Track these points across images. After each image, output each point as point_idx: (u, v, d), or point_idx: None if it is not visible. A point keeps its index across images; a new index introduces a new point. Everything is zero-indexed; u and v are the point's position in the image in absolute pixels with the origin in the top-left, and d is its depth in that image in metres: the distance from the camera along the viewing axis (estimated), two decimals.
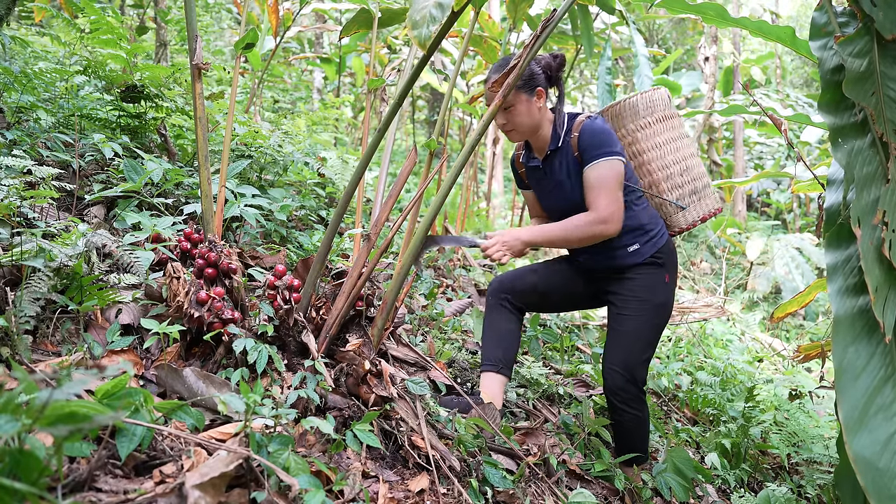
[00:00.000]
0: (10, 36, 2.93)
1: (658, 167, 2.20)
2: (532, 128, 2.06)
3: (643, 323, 2.05)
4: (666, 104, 2.24)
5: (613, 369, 2.04)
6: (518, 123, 2.04)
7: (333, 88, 8.01)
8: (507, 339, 2.16)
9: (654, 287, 2.07)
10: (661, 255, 2.09)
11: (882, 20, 1.44)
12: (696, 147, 2.24)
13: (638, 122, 2.21)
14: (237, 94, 2.48)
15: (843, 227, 1.42)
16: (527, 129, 2.06)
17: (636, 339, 2.04)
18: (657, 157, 2.20)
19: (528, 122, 2.04)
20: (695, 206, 2.24)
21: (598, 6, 3.41)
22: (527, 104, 2.01)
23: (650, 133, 2.20)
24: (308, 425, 1.42)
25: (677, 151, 2.22)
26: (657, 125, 2.21)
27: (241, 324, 1.74)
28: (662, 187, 2.20)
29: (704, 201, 2.26)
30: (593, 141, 1.97)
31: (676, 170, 2.20)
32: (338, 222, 1.88)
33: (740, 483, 2.51)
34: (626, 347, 2.04)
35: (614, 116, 2.24)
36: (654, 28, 13.87)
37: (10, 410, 0.87)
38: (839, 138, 1.45)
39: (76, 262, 1.62)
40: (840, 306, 1.33)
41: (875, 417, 1.19)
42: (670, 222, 2.22)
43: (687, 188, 2.21)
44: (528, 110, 2.02)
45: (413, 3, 1.68)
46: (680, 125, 2.26)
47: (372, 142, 1.88)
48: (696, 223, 2.24)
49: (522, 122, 2.03)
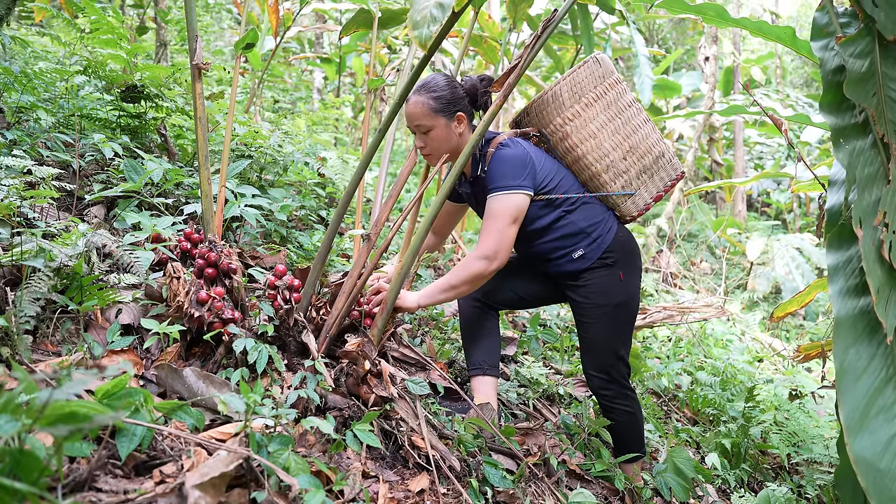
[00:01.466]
0: (11, 36, 2.93)
1: (595, 158, 2.00)
2: (450, 152, 1.98)
3: (607, 326, 2.00)
4: (596, 78, 2.01)
5: (591, 374, 2.05)
6: (434, 148, 1.96)
7: (333, 88, 8.01)
8: (486, 339, 2.16)
9: (609, 289, 1.98)
10: (610, 254, 1.98)
11: (884, 21, 1.44)
12: (642, 115, 2.06)
13: (565, 114, 2.01)
14: (237, 94, 2.48)
15: (845, 228, 1.42)
16: (443, 154, 1.97)
17: (605, 343, 2.01)
18: (593, 147, 2.00)
19: (445, 147, 1.96)
20: (646, 187, 2.06)
21: (598, 6, 3.41)
22: (445, 129, 1.93)
23: (580, 123, 2.00)
24: (308, 425, 1.42)
25: (616, 133, 2.01)
26: (588, 110, 2.00)
27: (241, 324, 1.74)
28: (603, 179, 2.02)
29: (658, 175, 2.07)
30: (495, 172, 1.88)
31: (618, 155, 2.01)
32: (338, 222, 1.88)
33: (740, 483, 2.51)
34: (597, 352, 2.02)
35: (538, 113, 2.06)
36: (654, 28, 13.87)
37: (10, 410, 0.87)
38: (841, 139, 1.45)
39: (76, 262, 1.62)
40: (841, 307, 1.33)
41: (876, 419, 1.19)
42: (620, 212, 2.07)
43: (633, 170, 2.03)
44: (445, 135, 1.94)
45: (414, 4, 1.68)
46: (619, 96, 2.03)
47: (372, 142, 1.88)
48: (650, 205, 2.06)
49: (439, 147, 1.96)
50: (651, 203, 2.05)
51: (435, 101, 1.92)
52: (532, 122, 2.10)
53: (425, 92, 1.92)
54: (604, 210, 2.04)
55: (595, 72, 2.01)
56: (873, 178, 1.36)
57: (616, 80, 2.03)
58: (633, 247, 2.06)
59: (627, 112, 2.04)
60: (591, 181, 2.04)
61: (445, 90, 1.93)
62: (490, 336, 2.17)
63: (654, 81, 5.09)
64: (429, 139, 1.95)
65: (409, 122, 1.96)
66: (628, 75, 11.32)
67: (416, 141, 1.98)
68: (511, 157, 1.88)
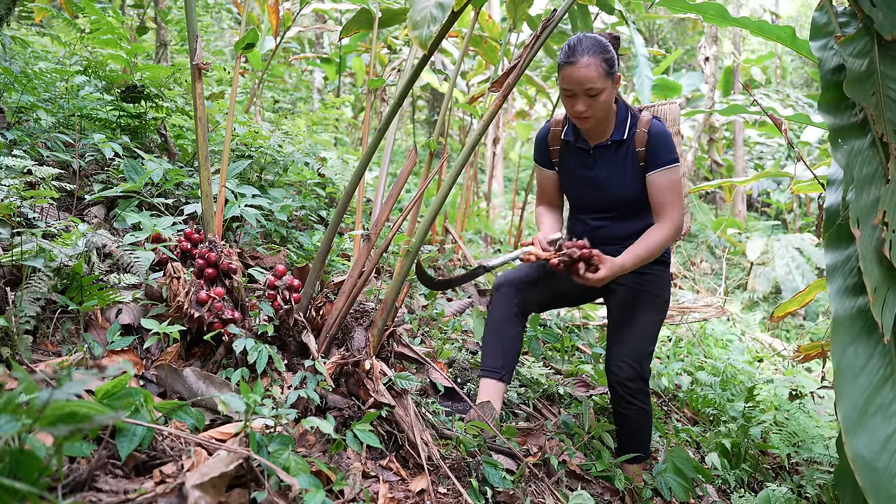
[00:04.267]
0: (11, 36, 2.93)
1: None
2: (608, 115, 1.97)
3: (652, 316, 2.06)
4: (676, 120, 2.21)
5: (624, 362, 2.01)
6: (599, 111, 1.91)
7: (334, 88, 8.01)
8: (511, 346, 2.09)
9: (663, 283, 2.09)
10: (667, 255, 2.13)
11: (882, 21, 1.44)
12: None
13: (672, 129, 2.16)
14: (237, 94, 2.48)
15: (843, 228, 1.42)
16: (603, 117, 1.95)
17: (644, 332, 2.04)
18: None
19: (608, 111, 1.95)
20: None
21: (598, 6, 3.41)
22: (611, 92, 1.91)
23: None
24: (308, 425, 1.42)
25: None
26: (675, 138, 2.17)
27: (241, 324, 1.74)
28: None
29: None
30: (666, 144, 1.94)
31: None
32: (338, 222, 1.88)
33: (740, 483, 2.51)
34: (636, 339, 2.03)
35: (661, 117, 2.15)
36: (654, 28, 13.87)
37: (10, 410, 0.87)
38: (839, 139, 1.45)
39: (76, 262, 1.62)
40: (839, 307, 1.33)
41: (874, 417, 1.19)
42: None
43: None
44: (609, 98, 1.91)
45: (414, 4, 1.68)
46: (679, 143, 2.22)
47: (372, 142, 1.88)
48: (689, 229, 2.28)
49: (602, 109, 1.91)
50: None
51: (606, 64, 1.86)
52: None
53: (596, 52, 1.84)
54: None
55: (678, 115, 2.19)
56: (871, 177, 1.37)
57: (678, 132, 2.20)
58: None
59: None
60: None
61: (612, 51, 1.89)
62: (514, 342, 2.10)
63: (654, 81, 5.08)
64: (596, 103, 1.88)
65: (578, 86, 1.86)
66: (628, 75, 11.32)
67: (576, 105, 1.89)
68: (667, 132, 1.98)
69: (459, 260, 4.30)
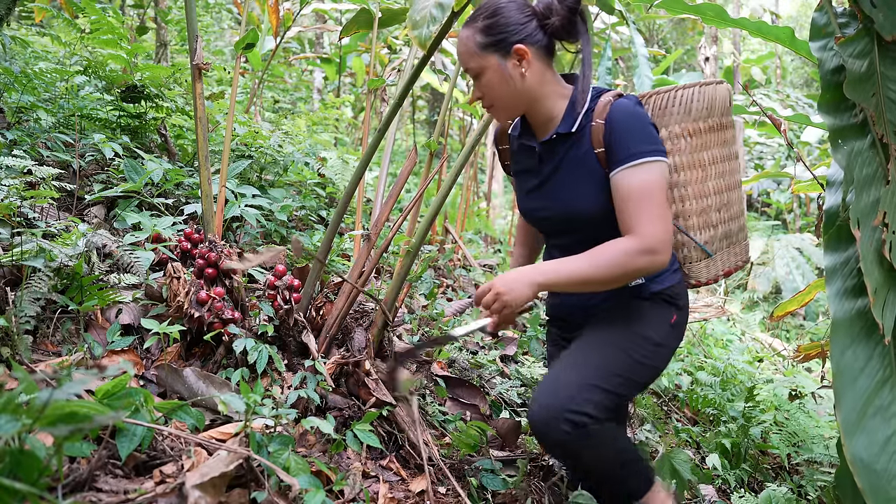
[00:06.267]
0: (11, 36, 2.93)
1: (694, 193, 1.57)
2: (519, 101, 1.44)
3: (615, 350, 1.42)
4: (725, 108, 1.61)
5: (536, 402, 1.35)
6: (494, 97, 1.44)
7: (334, 88, 8.01)
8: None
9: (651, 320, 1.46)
10: (673, 294, 1.49)
11: (882, 21, 1.44)
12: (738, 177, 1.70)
13: (687, 126, 1.56)
14: (237, 94, 2.48)
15: (843, 229, 1.42)
16: (509, 104, 1.45)
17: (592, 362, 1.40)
18: (696, 178, 1.57)
19: (508, 94, 1.42)
20: (722, 255, 1.63)
21: (598, 6, 3.41)
22: (498, 71, 1.39)
23: (698, 144, 1.56)
24: (308, 425, 1.42)
25: (722, 178, 1.61)
26: (708, 135, 1.58)
27: (241, 324, 1.74)
28: (692, 222, 1.57)
29: (734, 249, 1.67)
30: (631, 130, 1.36)
31: (715, 202, 1.59)
32: (338, 222, 1.88)
33: (740, 483, 2.52)
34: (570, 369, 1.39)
35: (657, 110, 1.58)
36: (654, 28, 13.87)
37: (10, 410, 0.87)
38: (839, 139, 1.46)
39: (76, 262, 1.62)
40: (838, 308, 1.33)
41: (873, 419, 1.19)
42: (688, 271, 1.61)
43: (720, 230, 1.61)
44: (500, 79, 1.40)
45: (413, 3, 1.68)
46: (733, 140, 1.65)
47: (372, 142, 1.88)
48: (719, 277, 1.63)
49: (498, 95, 1.43)
50: (720, 276, 1.63)
51: (482, 34, 1.39)
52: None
53: (473, 20, 1.41)
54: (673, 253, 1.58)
55: (724, 100, 1.61)
56: (871, 178, 1.37)
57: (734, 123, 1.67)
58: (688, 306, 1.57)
59: (734, 163, 1.65)
60: (677, 218, 1.58)
61: (497, 15, 1.39)
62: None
63: (654, 82, 5.08)
64: (485, 87, 1.43)
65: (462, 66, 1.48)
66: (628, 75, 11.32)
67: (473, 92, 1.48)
68: (643, 113, 1.40)
69: (459, 260, 4.30)
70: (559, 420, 1.29)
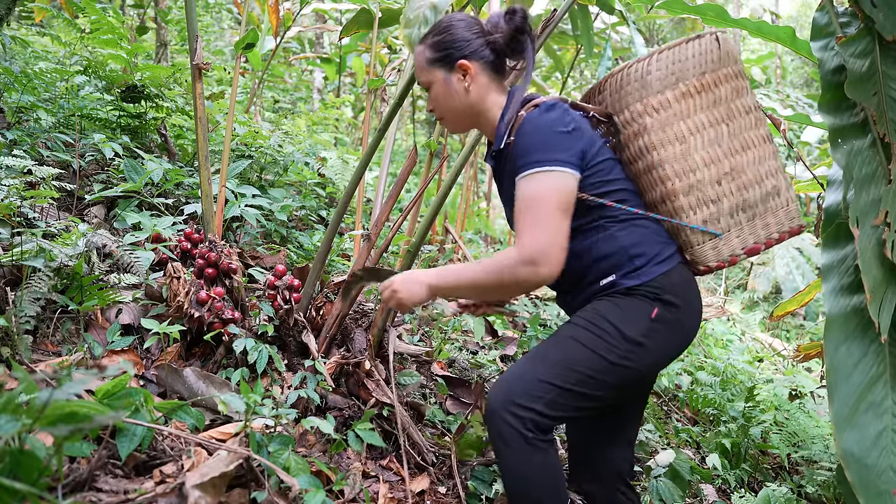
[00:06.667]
0: (11, 36, 2.93)
1: (675, 172, 1.40)
2: (464, 114, 1.46)
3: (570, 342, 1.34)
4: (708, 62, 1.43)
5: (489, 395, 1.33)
6: (442, 109, 1.47)
7: (334, 88, 8.01)
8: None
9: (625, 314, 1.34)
10: (655, 287, 1.35)
11: (883, 21, 1.44)
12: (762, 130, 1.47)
13: (648, 101, 1.42)
14: (237, 94, 2.48)
15: (841, 228, 1.42)
16: (456, 117, 1.47)
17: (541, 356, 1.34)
18: (675, 155, 1.41)
19: (453, 107, 1.45)
20: (739, 231, 1.42)
21: (598, 6, 3.40)
22: (444, 84, 1.43)
23: (667, 117, 1.41)
24: (308, 425, 1.42)
25: (715, 144, 1.41)
26: (682, 103, 1.41)
27: (241, 324, 1.74)
28: (680, 203, 1.41)
29: (763, 219, 1.44)
30: (527, 142, 1.33)
31: (709, 175, 1.41)
32: (338, 222, 1.88)
33: (740, 483, 2.52)
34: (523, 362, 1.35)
35: (615, 91, 1.48)
36: (654, 28, 13.87)
37: (10, 410, 0.87)
38: (839, 139, 1.46)
39: (76, 262, 1.62)
40: (833, 305, 1.34)
41: (865, 414, 1.20)
42: (692, 256, 1.43)
43: (726, 203, 1.41)
44: (445, 93, 1.43)
45: (409, 2, 1.67)
46: (734, 94, 1.45)
47: (372, 142, 1.88)
48: (738, 258, 1.42)
49: (444, 108, 1.46)
50: (741, 255, 1.43)
51: (431, 49, 1.44)
52: (605, 102, 1.52)
53: (427, 37, 1.47)
54: (663, 241, 1.42)
55: (709, 53, 1.43)
56: (871, 177, 1.37)
57: (738, 71, 1.47)
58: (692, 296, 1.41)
59: (741, 120, 1.44)
60: (662, 203, 1.44)
61: (444, 33, 1.43)
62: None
63: None
64: (433, 100, 1.48)
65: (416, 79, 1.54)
66: None
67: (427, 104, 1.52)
68: (552, 121, 1.33)
69: (459, 260, 4.30)
70: (504, 412, 1.27)
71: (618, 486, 1.48)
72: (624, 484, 1.49)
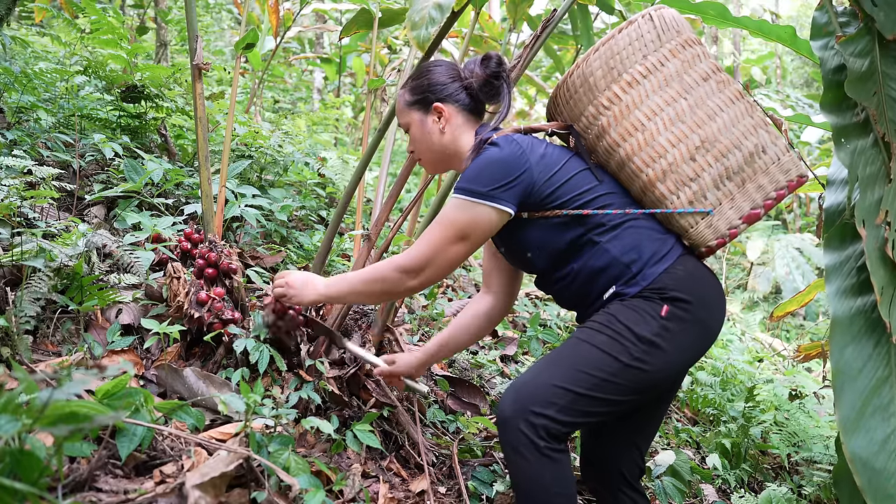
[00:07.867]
0: (11, 36, 2.93)
1: (644, 161, 1.37)
2: (439, 154, 1.51)
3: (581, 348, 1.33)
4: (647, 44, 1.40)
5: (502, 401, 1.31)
6: (419, 150, 1.54)
7: (334, 88, 8.01)
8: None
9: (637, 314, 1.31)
10: (658, 287, 1.33)
11: (883, 20, 1.44)
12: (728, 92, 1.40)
13: (598, 101, 1.41)
14: (237, 94, 2.48)
15: (843, 228, 1.42)
16: (432, 157, 1.53)
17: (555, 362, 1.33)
18: (638, 146, 1.37)
19: (429, 148, 1.51)
20: (731, 201, 1.37)
21: (598, 6, 3.41)
22: (419, 126, 1.50)
23: (620, 111, 1.39)
24: (308, 425, 1.42)
25: (676, 122, 1.37)
26: (631, 92, 1.39)
27: (241, 324, 1.74)
28: (659, 191, 1.37)
29: (754, 181, 1.37)
30: (465, 174, 1.37)
31: (679, 154, 1.36)
32: (338, 222, 1.88)
33: (740, 483, 2.51)
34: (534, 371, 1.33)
35: (567, 101, 1.49)
36: None
37: (10, 410, 0.87)
38: (842, 138, 1.45)
39: (76, 262, 1.62)
40: (838, 307, 1.33)
41: (872, 418, 1.19)
42: (691, 240, 1.39)
43: (707, 176, 1.36)
44: (421, 134, 1.50)
45: (413, 4, 1.68)
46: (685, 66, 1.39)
47: (372, 142, 1.88)
48: (738, 229, 1.38)
49: (421, 149, 1.53)
50: (741, 226, 1.37)
51: (410, 93, 1.51)
52: (562, 114, 1.53)
53: (406, 81, 1.55)
54: (659, 236, 1.39)
55: (643, 35, 1.39)
56: (875, 176, 1.37)
57: (684, 42, 1.40)
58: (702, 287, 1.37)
59: (699, 89, 1.38)
60: (645, 195, 1.41)
61: (422, 77, 1.50)
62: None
63: None
64: (411, 141, 1.56)
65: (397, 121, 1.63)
66: None
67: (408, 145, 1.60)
68: (495, 159, 1.35)
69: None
70: (517, 419, 1.25)
71: (620, 487, 1.46)
72: (629, 487, 1.46)
